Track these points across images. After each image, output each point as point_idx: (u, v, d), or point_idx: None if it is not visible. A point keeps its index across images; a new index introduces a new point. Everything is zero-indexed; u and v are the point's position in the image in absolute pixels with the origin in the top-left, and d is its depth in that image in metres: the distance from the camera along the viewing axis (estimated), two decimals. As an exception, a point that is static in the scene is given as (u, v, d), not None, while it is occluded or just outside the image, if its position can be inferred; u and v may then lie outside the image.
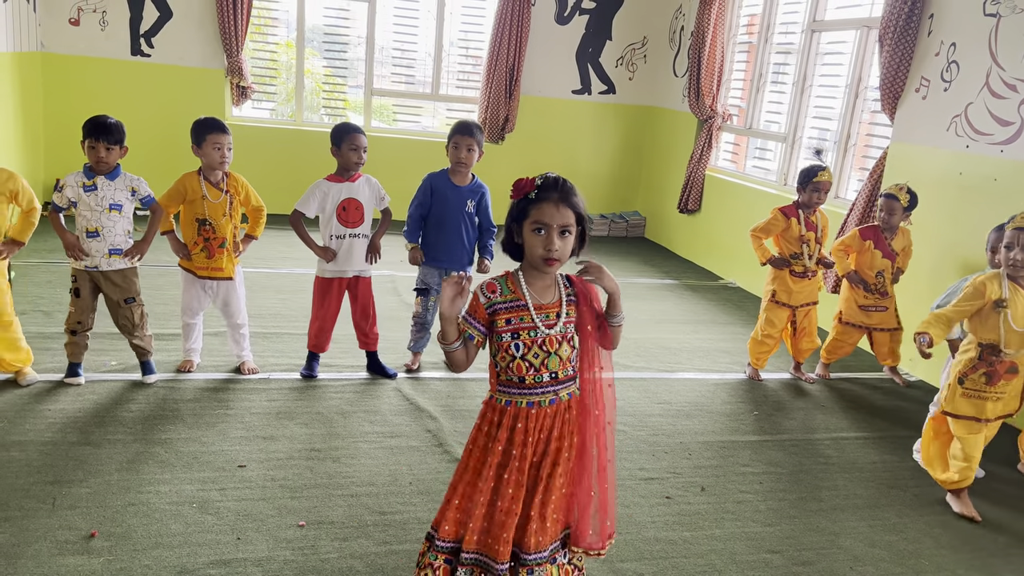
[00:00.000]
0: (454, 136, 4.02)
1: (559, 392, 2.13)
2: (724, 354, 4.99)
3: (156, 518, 2.73)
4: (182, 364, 3.96)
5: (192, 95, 7.26)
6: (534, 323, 2.07)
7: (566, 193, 2.03)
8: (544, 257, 2.02)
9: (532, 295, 2.09)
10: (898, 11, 4.97)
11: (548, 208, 2.01)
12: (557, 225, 2.01)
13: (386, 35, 7.93)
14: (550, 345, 2.09)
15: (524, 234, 2.05)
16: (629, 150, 8.56)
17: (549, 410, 2.12)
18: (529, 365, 2.09)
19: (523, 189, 2.04)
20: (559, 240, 2.02)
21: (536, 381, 2.10)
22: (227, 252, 3.80)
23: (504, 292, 2.10)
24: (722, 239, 7.08)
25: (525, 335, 2.08)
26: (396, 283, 5.77)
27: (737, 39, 7.28)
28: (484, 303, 2.10)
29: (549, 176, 2.05)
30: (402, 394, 3.95)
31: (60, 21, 6.96)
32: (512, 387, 2.12)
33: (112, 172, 3.56)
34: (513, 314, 2.08)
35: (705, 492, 3.27)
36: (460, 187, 4.06)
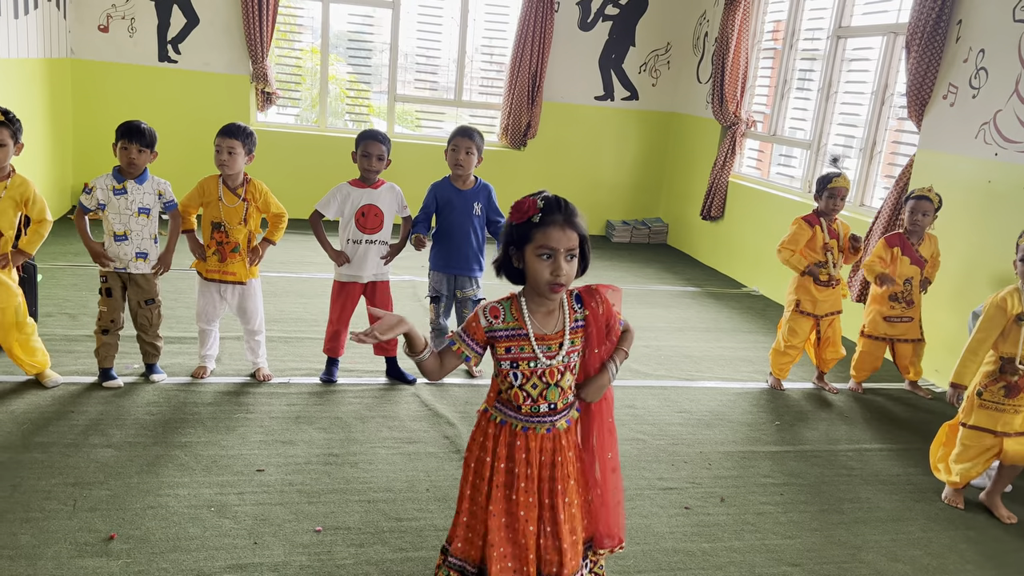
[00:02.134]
0: (452, 139, 4.02)
1: (556, 422, 2.08)
2: (746, 363, 4.94)
3: (174, 521, 2.75)
4: (196, 370, 3.99)
5: (218, 101, 7.33)
6: (535, 354, 2.01)
7: (570, 215, 1.95)
8: (551, 283, 1.94)
9: (535, 324, 2.01)
10: (925, 17, 4.90)
11: (554, 232, 1.92)
12: (564, 249, 1.93)
13: (410, 41, 7.97)
14: (551, 376, 2.02)
15: (527, 259, 1.96)
16: (652, 156, 8.52)
17: (548, 436, 2.08)
18: (527, 395, 2.03)
19: (525, 212, 1.94)
20: (566, 265, 1.94)
21: (533, 411, 2.04)
22: (240, 257, 3.82)
23: (507, 319, 2.02)
24: (745, 246, 7.02)
25: (524, 365, 2.01)
26: (416, 288, 5.78)
27: (762, 45, 7.23)
28: (484, 326, 2.02)
29: (550, 197, 1.95)
30: (420, 400, 3.95)
31: (90, 28, 7.07)
32: (509, 408, 2.08)
33: (141, 176, 3.63)
34: (514, 343, 2.01)
35: (725, 503, 3.23)
36: (464, 191, 4.06)
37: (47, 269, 5.35)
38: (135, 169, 3.61)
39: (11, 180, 3.43)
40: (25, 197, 3.46)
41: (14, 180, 3.44)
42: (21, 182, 3.46)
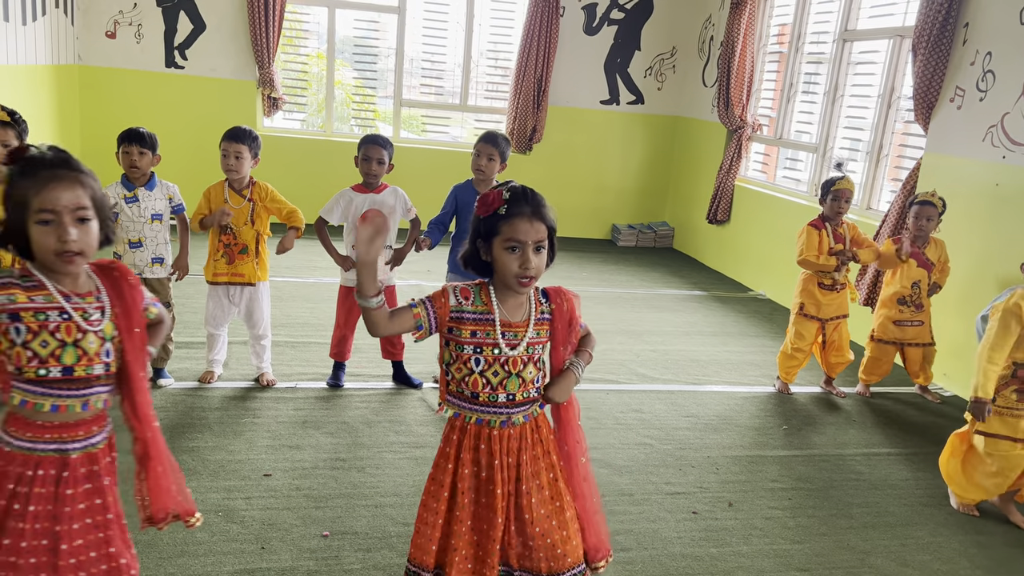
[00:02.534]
0: (476, 145, 4.04)
1: (512, 415, 2.03)
2: (753, 367, 4.93)
3: (181, 526, 2.74)
4: (203, 375, 3.99)
5: (225, 106, 7.36)
6: (498, 340, 1.97)
7: (537, 206, 1.92)
8: (520, 276, 1.91)
9: (502, 311, 1.98)
10: (932, 20, 4.89)
11: (521, 224, 1.89)
12: (532, 242, 1.90)
13: (415, 46, 7.99)
14: (512, 366, 1.98)
15: (495, 252, 1.93)
16: (657, 160, 8.52)
17: (511, 432, 2.03)
18: (487, 382, 1.98)
19: (491, 205, 1.91)
20: (535, 257, 1.91)
21: (490, 400, 2.00)
22: (249, 258, 3.83)
23: (476, 302, 1.98)
24: (752, 250, 7.01)
25: (488, 351, 1.97)
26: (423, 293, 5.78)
27: (767, 48, 7.22)
28: (452, 305, 1.97)
29: (516, 188, 1.93)
30: (427, 404, 3.95)
31: (97, 34, 7.10)
32: (463, 400, 2.02)
33: (150, 182, 3.66)
34: (480, 327, 1.97)
35: (733, 508, 3.22)
36: None
37: (55, 274, 5.37)
38: (138, 173, 3.63)
39: None
40: None
41: None
42: None
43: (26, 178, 1.67)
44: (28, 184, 1.66)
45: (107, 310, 1.80)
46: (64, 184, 1.67)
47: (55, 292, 1.73)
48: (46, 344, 1.72)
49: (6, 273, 1.73)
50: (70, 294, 1.75)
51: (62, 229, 1.67)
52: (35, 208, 1.66)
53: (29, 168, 1.68)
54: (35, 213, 1.66)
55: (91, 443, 1.84)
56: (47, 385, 1.74)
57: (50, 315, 1.73)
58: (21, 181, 1.67)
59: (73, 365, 1.75)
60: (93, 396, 1.80)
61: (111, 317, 1.81)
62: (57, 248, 1.67)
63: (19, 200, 1.66)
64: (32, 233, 1.67)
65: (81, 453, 1.82)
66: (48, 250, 1.68)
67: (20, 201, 1.66)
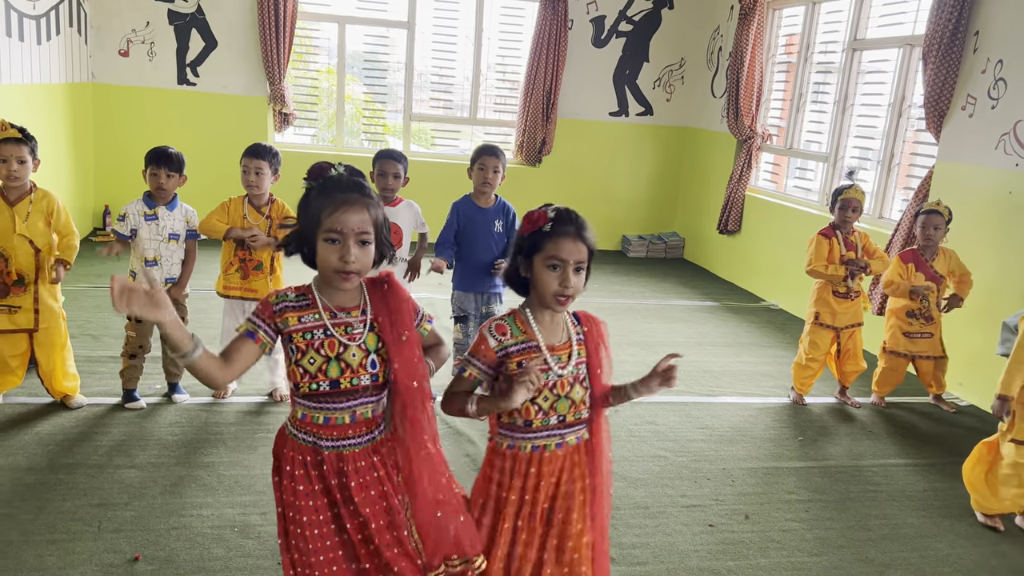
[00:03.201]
0: (479, 158, 4.05)
1: (566, 436, 2.04)
2: (767, 378, 4.91)
3: (198, 542, 2.75)
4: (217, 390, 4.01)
5: (236, 122, 7.41)
6: (547, 365, 1.98)
7: (581, 227, 1.94)
8: (558, 294, 1.93)
9: (543, 335, 2.00)
10: (942, 28, 4.89)
11: (565, 243, 1.91)
12: (573, 261, 1.92)
13: (425, 60, 8.04)
14: (561, 388, 1.99)
15: (535, 269, 1.94)
16: (667, 171, 8.52)
17: (560, 452, 2.04)
18: (538, 408, 1.99)
19: (536, 222, 1.94)
20: (574, 276, 1.93)
21: (543, 424, 2.00)
22: (263, 275, 3.85)
23: (515, 333, 1.99)
24: (763, 260, 6.99)
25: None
26: (435, 307, 5.79)
27: (776, 59, 7.23)
28: (494, 347, 1.97)
29: (561, 209, 1.96)
30: (440, 417, 3.93)
31: (110, 53, 7.17)
32: (516, 431, 2.02)
33: (171, 202, 3.69)
34: (525, 356, 1.98)
35: (749, 520, 3.20)
36: (486, 209, 4.08)
37: (69, 291, 5.41)
38: (165, 194, 3.67)
39: (34, 194, 3.49)
40: (50, 209, 3.52)
41: (37, 194, 3.50)
42: (44, 195, 3.52)
43: (323, 196, 1.80)
44: (323, 203, 1.79)
45: (370, 323, 1.88)
46: (354, 208, 1.79)
47: (321, 310, 1.85)
48: (313, 361, 1.84)
49: (282, 298, 1.88)
50: (336, 310, 1.87)
51: (345, 249, 1.79)
52: (325, 226, 1.79)
53: (327, 188, 1.81)
54: (324, 231, 1.79)
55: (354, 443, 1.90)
56: (318, 399, 1.87)
57: (315, 333, 1.85)
58: (318, 198, 1.81)
59: (338, 378, 1.85)
60: (360, 407, 1.89)
61: (375, 329, 1.88)
62: (338, 267, 1.80)
63: (313, 215, 1.80)
64: (318, 248, 1.81)
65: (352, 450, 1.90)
66: (330, 266, 1.81)
67: (313, 216, 1.80)
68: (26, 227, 3.44)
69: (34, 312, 3.51)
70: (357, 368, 1.86)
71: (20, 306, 3.49)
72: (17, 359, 3.58)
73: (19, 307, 3.48)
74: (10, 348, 3.54)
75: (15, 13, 5.52)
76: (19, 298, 3.48)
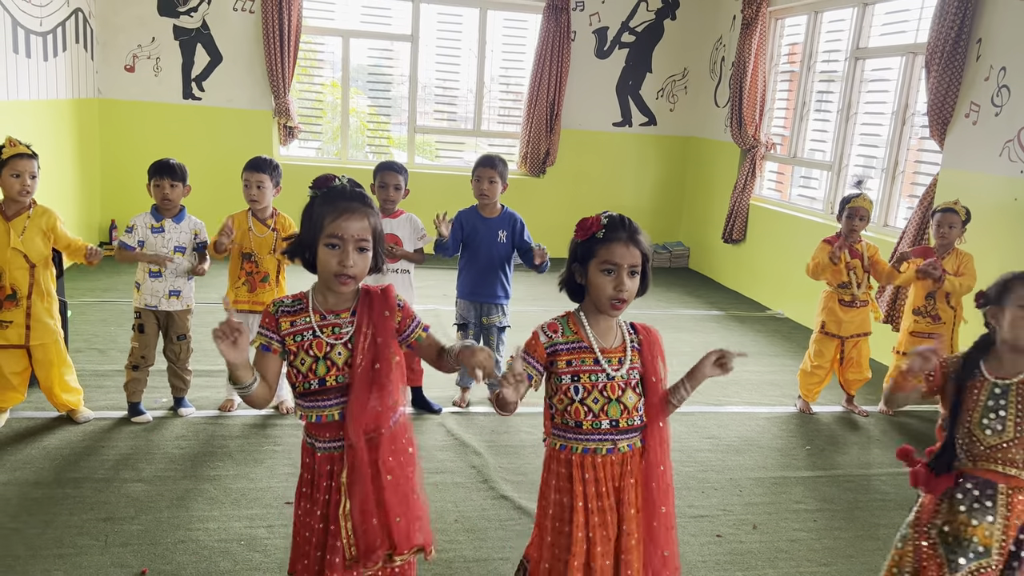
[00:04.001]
0: (476, 169, 4.08)
1: (618, 442, 2.02)
2: (773, 387, 4.89)
3: (205, 555, 2.75)
4: (224, 404, 4.02)
5: (241, 136, 7.44)
6: (598, 366, 2.00)
7: (633, 232, 1.99)
8: (613, 298, 1.96)
9: (595, 338, 2.03)
10: (945, 37, 4.90)
11: (618, 248, 1.96)
12: (627, 265, 1.96)
13: (429, 73, 8.08)
14: (612, 391, 2.00)
15: (590, 275, 1.99)
16: (671, 181, 8.53)
17: (614, 458, 2.02)
18: (588, 410, 2.00)
19: (589, 229, 2.00)
20: (629, 280, 1.97)
21: (594, 427, 2.00)
22: (270, 287, 3.86)
23: (566, 332, 2.04)
24: (768, 269, 6.98)
25: (586, 378, 2.00)
26: (440, 317, 5.79)
27: (779, 68, 7.24)
28: (544, 343, 2.03)
29: (614, 215, 2.01)
30: (446, 429, 3.95)
31: (116, 68, 7.22)
32: (568, 431, 2.03)
33: (178, 215, 3.71)
34: (575, 355, 2.01)
35: (757, 530, 3.18)
36: (490, 219, 4.09)
37: (76, 305, 5.43)
38: (170, 204, 3.69)
39: (33, 210, 3.50)
40: (50, 226, 3.53)
41: (36, 210, 3.51)
42: (44, 211, 3.53)
43: (326, 204, 1.90)
44: (326, 210, 1.89)
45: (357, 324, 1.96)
46: (355, 216, 1.89)
47: (311, 312, 1.95)
48: (304, 361, 1.94)
49: (278, 304, 1.98)
50: (325, 312, 1.96)
51: (344, 254, 1.88)
52: (327, 232, 1.88)
53: (331, 196, 1.91)
54: (326, 236, 1.88)
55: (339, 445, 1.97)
56: (311, 398, 1.96)
57: (305, 335, 1.94)
58: (322, 206, 1.90)
59: (325, 376, 1.93)
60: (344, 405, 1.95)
61: (357, 328, 1.95)
62: (337, 270, 1.89)
63: (316, 221, 1.89)
64: (319, 252, 1.91)
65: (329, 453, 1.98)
66: (329, 270, 1.90)
67: (316, 222, 1.89)
68: (21, 242, 3.44)
69: (25, 328, 3.50)
70: (343, 366, 1.94)
71: (12, 321, 3.49)
72: (18, 376, 3.59)
73: (10, 322, 3.48)
74: (10, 365, 3.55)
75: (22, 30, 5.56)
76: (11, 312, 3.48)
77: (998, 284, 2.24)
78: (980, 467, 2.17)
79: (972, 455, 2.19)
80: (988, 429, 2.16)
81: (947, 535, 2.19)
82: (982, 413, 2.17)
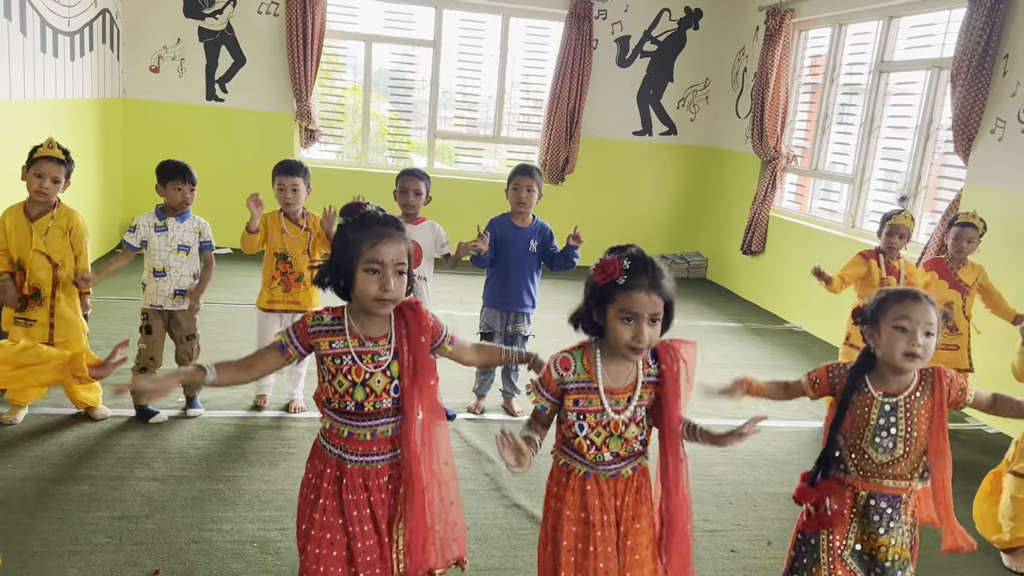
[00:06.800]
0: (513, 178, 4.07)
1: (621, 469, 2.04)
2: (791, 401, 4.84)
3: (218, 556, 2.76)
4: (257, 399, 4.07)
5: (263, 138, 7.49)
6: (602, 406, 1.98)
7: (656, 278, 1.89)
8: (631, 347, 1.90)
9: (605, 377, 1.98)
10: (971, 52, 4.85)
11: (639, 297, 1.87)
12: (648, 315, 1.89)
13: (450, 79, 8.10)
14: (615, 428, 1.99)
15: (608, 319, 1.92)
16: (691, 191, 8.50)
17: (619, 480, 2.03)
18: (591, 443, 2.00)
19: (610, 273, 1.89)
20: (649, 329, 1.89)
21: (597, 460, 2.01)
22: (304, 287, 3.89)
23: (577, 370, 1.99)
24: (787, 281, 6.93)
25: (591, 417, 1.99)
26: (456, 322, 5.79)
27: (802, 79, 7.20)
28: (556, 380, 2.01)
29: (636, 257, 1.90)
30: (460, 436, 3.94)
31: (141, 69, 7.29)
32: (573, 452, 2.04)
33: (183, 215, 3.73)
34: (582, 395, 1.99)
35: (772, 546, 3.15)
36: (522, 228, 4.10)
37: (95, 303, 5.46)
38: (187, 207, 3.72)
39: (57, 210, 3.54)
40: (70, 226, 3.56)
41: (60, 210, 3.55)
42: (67, 212, 3.57)
43: (362, 230, 1.91)
44: (362, 235, 1.90)
45: (394, 351, 1.99)
46: (392, 241, 1.91)
47: (348, 337, 1.97)
48: (342, 384, 1.97)
49: (317, 321, 1.99)
50: (364, 339, 1.98)
51: (385, 279, 1.90)
52: (366, 257, 1.89)
53: (365, 222, 1.92)
54: (364, 262, 1.89)
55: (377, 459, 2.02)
56: (344, 416, 2.00)
57: (344, 359, 1.97)
58: (357, 232, 1.91)
59: (363, 401, 1.97)
60: (381, 426, 2.01)
61: (397, 357, 1.99)
62: (378, 295, 1.90)
63: (353, 247, 1.90)
64: (358, 278, 1.92)
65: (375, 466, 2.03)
66: (369, 296, 1.91)
67: (353, 248, 1.90)
68: (44, 242, 3.48)
69: (49, 327, 3.54)
70: (381, 393, 1.98)
71: (36, 320, 3.53)
72: None
73: (35, 320, 3.53)
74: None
75: (50, 30, 5.63)
76: (35, 311, 3.52)
77: (873, 302, 2.21)
78: (872, 482, 2.20)
79: (863, 471, 2.21)
80: (880, 448, 2.18)
81: (861, 554, 2.23)
82: (873, 432, 2.17)
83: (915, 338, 2.07)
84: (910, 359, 2.09)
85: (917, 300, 2.11)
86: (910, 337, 2.08)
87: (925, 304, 2.10)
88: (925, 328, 2.09)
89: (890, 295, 2.17)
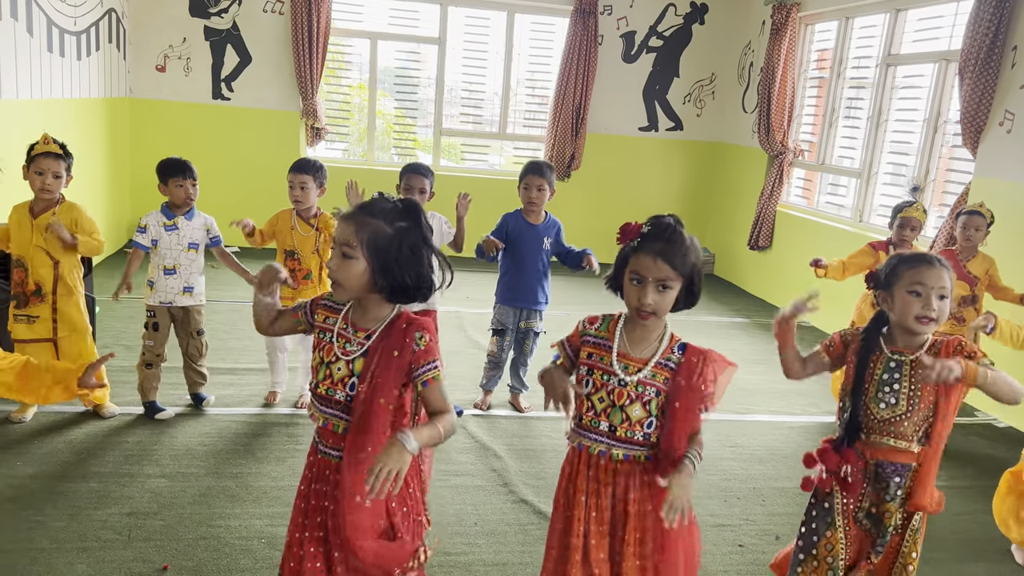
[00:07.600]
0: (525, 176, 4.08)
1: (613, 448, 2.00)
2: (799, 396, 4.84)
3: (226, 552, 2.76)
4: (268, 396, 4.09)
5: (269, 136, 7.50)
6: (612, 367, 1.99)
7: (669, 245, 1.91)
8: (638, 309, 1.94)
9: (623, 343, 2.01)
10: (979, 44, 4.82)
11: (646, 260, 1.91)
12: (653, 279, 1.91)
13: (455, 76, 8.09)
14: (618, 398, 1.98)
15: (623, 281, 1.98)
16: (698, 186, 8.48)
17: (620, 467, 2.00)
18: (591, 406, 2.01)
19: (628, 236, 1.97)
20: (654, 294, 1.91)
21: (591, 425, 2.01)
22: (312, 284, 3.91)
23: (600, 328, 2.06)
24: (795, 276, 6.90)
25: (598, 375, 2.01)
26: (462, 319, 5.79)
27: (808, 74, 7.17)
28: (580, 331, 2.08)
29: (657, 223, 1.95)
30: (467, 432, 3.94)
31: (148, 68, 7.31)
32: (579, 427, 2.06)
33: (190, 212, 3.74)
34: (596, 350, 2.03)
35: (780, 541, 3.14)
36: (536, 225, 4.11)
37: (104, 302, 5.49)
38: (191, 203, 3.73)
39: (59, 207, 3.55)
40: (73, 221, 3.56)
41: (62, 207, 3.56)
42: (69, 207, 3.58)
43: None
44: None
45: (366, 349, 1.90)
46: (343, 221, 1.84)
47: (340, 317, 1.95)
48: (315, 359, 1.97)
49: (328, 296, 2.00)
50: (352, 325, 1.94)
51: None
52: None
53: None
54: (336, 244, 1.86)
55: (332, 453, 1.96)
56: (317, 397, 1.96)
57: (325, 335, 1.96)
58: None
59: (320, 381, 1.94)
60: (332, 418, 1.94)
61: (366, 356, 1.89)
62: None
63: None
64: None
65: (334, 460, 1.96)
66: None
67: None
68: (44, 239, 3.50)
69: (52, 322, 3.57)
70: (336, 382, 1.91)
71: (39, 316, 3.55)
72: None
73: (37, 317, 3.55)
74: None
75: (56, 29, 5.65)
76: (37, 308, 3.55)
77: (887, 266, 2.23)
78: (872, 440, 2.21)
79: (865, 427, 2.23)
80: (882, 403, 2.19)
81: (873, 517, 2.27)
82: (877, 387, 2.20)
83: (929, 302, 2.09)
84: (924, 322, 2.11)
85: (931, 265, 2.13)
86: (924, 301, 2.10)
87: (939, 268, 2.12)
88: (939, 292, 2.10)
89: (903, 259, 2.18)
